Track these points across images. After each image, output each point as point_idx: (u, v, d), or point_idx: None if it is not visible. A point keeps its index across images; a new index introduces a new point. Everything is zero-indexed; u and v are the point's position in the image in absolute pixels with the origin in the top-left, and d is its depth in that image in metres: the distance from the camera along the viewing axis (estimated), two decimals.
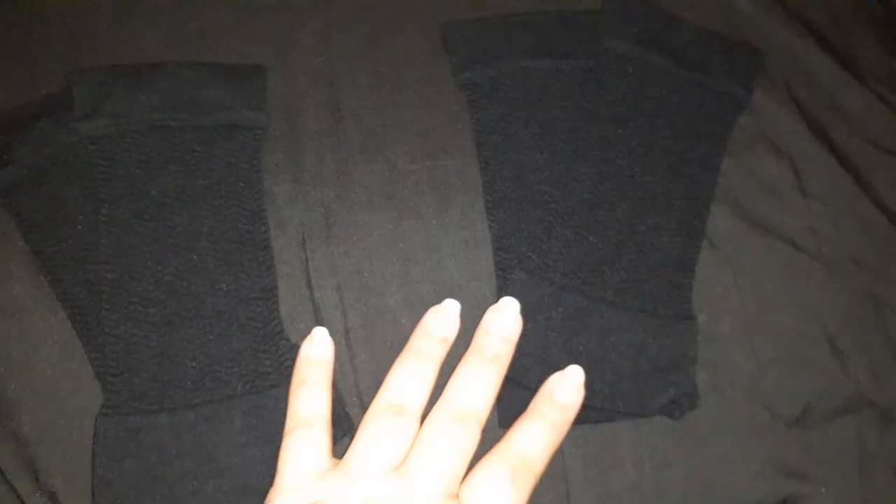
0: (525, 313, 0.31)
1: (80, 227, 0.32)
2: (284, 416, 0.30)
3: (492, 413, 0.31)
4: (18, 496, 0.29)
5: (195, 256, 0.32)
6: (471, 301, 0.33)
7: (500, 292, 0.32)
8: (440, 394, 0.29)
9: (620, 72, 0.35)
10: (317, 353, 0.30)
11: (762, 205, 0.36)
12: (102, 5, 0.38)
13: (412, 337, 0.30)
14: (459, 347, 0.32)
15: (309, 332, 0.32)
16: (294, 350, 0.32)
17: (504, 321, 0.30)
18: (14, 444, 0.30)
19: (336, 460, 0.28)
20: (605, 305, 0.31)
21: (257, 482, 0.29)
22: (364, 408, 0.31)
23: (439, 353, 0.29)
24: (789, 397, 0.33)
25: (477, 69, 0.36)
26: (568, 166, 0.34)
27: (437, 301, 0.33)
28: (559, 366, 0.30)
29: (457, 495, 0.26)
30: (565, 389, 0.29)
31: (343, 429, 0.31)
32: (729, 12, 0.40)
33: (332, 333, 0.32)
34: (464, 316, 0.33)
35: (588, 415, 0.30)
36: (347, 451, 0.27)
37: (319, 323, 0.32)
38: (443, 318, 0.30)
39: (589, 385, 0.30)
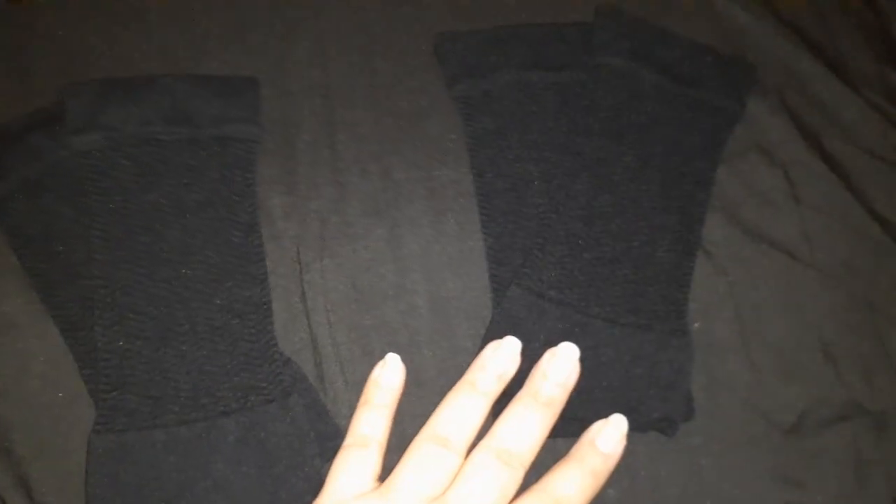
0: (520, 329, 0.31)
1: (72, 242, 0.32)
2: (279, 431, 0.30)
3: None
4: None
5: (189, 270, 0.32)
6: (467, 314, 0.33)
7: (496, 306, 0.32)
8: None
9: (613, 86, 0.35)
10: (386, 379, 0.30)
11: (756, 213, 0.36)
12: (96, 18, 0.37)
13: (469, 370, 0.29)
14: (456, 359, 0.32)
15: (303, 345, 0.32)
16: (288, 364, 0.32)
17: (563, 366, 0.29)
18: (8, 461, 0.30)
19: (380, 483, 0.28)
20: (601, 321, 0.31)
21: (252, 498, 0.29)
22: None
23: (494, 389, 0.29)
24: (784, 405, 0.33)
25: (470, 82, 0.36)
26: (562, 181, 0.34)
27: (433, 314, 0.33)
28: None
29: None
30: (608, 438, 0.28)
31: (332, 443, 0.30)
32: (721, 22, 0.40)
33: (324, 346, 0.32)
34: (460, 328, 0.33)
35: (582, 428, 0.30)
36: (390, 476, 0.27)
37: (313, 336, 0.32)
38: (502, 355, 0.29)
39: (583, 399, 0.30)
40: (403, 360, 0.31)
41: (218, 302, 0.32)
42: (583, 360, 0.30)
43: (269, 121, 0.35)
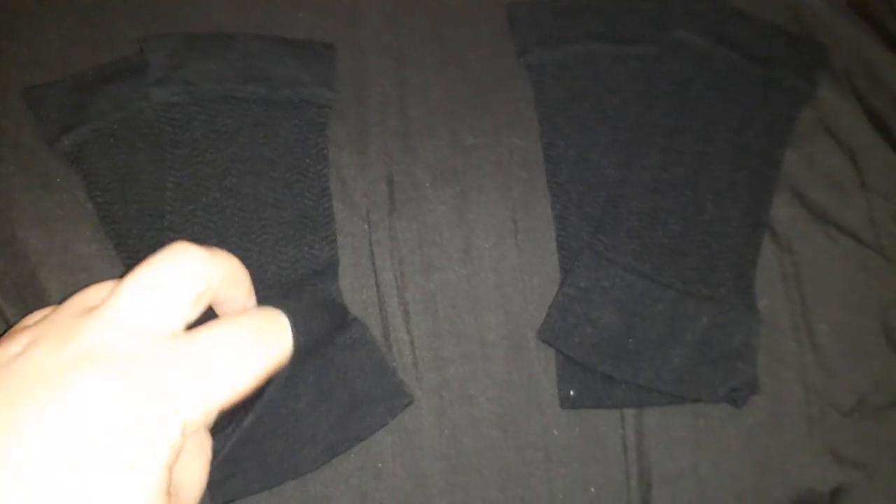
0: (591, 295, 0.31)
1: (146, 191, 0.33)
2: (343, 384, 0.30)
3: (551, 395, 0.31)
4: None
5: (258, 227, 0.32)
6: (532, 280, 0.33)
7: (563, 272, 0.33)
8: None
9: (686, 61, 0.35)
10: None
11: (823, 195, 0.36)
12: None
13: None
14: (518, 324, 0.32)
15: (370, 303, 0.32)
16: (354, 323, 0.32)
17: None
18: None
19: None
20: (674, 291, 0.31)
21: (340, 427, 0.29)
22: (422, 381, 0.31)
23: None
24: (844, 387, 0.33)
25: (541, 51, 0.36)
26: (632, 152, 0.34)
27: (497, 278, 0.33)
28: (626, 349, 0.30)
29: None
30: None
31: (402, 401, 0.31)
32: (792, 5, 0.40)
33: (391, 306, 0.32)
34: (524, 293, 0.33)
35: (653, 398, 0.30)
36: None
37: (380, 295, 0.33)
38: None
39: (655, 370, 0.30)
40: (467, 323, 0.31)
41: (286, 259, 0.32)
42: (655, 329, 0.30)
43: (342, 83, 0.36)
